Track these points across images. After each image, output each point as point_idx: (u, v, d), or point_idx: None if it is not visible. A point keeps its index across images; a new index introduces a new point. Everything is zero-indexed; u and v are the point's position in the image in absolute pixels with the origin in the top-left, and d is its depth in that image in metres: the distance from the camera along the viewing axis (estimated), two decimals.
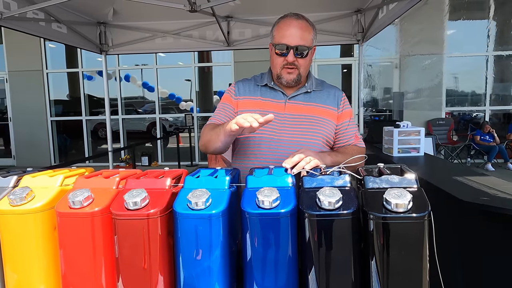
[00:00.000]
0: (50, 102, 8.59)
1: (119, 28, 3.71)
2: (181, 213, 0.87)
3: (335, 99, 1.52)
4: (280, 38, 1.38)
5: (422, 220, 0.75)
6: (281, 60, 1.40)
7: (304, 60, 1.41)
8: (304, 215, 0.83)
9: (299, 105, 1.48)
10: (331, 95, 1.52)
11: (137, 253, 0.88)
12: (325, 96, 1.51)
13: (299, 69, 1.41)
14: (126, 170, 1.14)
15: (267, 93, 1.51)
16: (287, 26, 1.38)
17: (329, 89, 1.54)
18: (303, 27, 1.38)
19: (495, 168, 6.83)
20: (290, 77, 1.42)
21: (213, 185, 0.96)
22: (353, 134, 1.53)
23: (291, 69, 1.40)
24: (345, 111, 1.52)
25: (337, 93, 1.54)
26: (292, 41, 1.36)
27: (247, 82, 1.57)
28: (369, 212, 0.78)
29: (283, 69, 1.41)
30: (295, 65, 1.40)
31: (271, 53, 1.45)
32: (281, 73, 1.42)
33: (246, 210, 0.86)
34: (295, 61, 1.39)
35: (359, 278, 0.84)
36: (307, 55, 1.41)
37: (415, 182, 0.84)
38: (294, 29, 1.37)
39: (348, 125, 1.52)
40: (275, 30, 1.42)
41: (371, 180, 0.87)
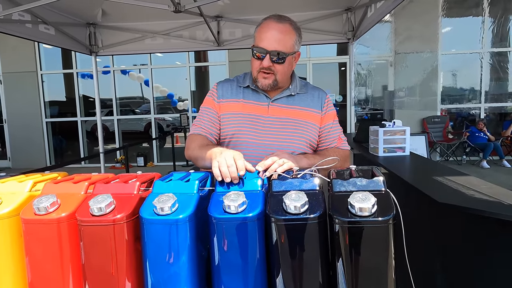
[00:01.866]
0: (45, 103, 8.56)
1: (109, 29, 3.69)
2: (147, 218, 0.86)
3: (319, 101, 1.48)
4: (259, 40, 1.34)
5: (386, 223, 0.75)
6: (258, 64, 1.36)
7: (281, 66, 1.34)
8: (271, 219, 0.82)
9: (282, 108, 1.44)
10: (315, 97, 1.49)
11: (104, 259, 0.87)
12: (309, 98, 1.48)
13: (275, 75, 1.35)
14: (98, 175, 1.13)
15: (250, 95, 1.47)
16: (267, 29, 1.33)
17: (313, 91, 1.51)
18: (283, 31, 1.32)
19: (490, 165, 6.83)
20: (265, 82, 1.37)
21: (182, 189, 0.94)
22: (336, 136, 1.50)
23: (267, 74, 1.35)
24: (328, 113, 1.49)
25: (321, 95, 1.50)
26: (269, 46, 1.31)
27: (229, 83, 1.53)
28: (334, 216, 0.78)
29: (259, 73, 1.37)
30: (271, 70, 1.34)
31: (252, 55, 1.41)
32: (257, 76, 1.38)
33: (212, 214, 0.85)
34: (271, 66, 1.34)
35: (326, 280, 0.83)
36: (285, 61, 1.34)
37: (382, 185, 0.83)
38: (273, 32, 1.31)
39: (332, 127, 1.49)
40: (256, 32, 1.38)
41: (338, 183, 0.86)
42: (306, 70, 8.05)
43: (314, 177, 0.92)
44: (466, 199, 1.25)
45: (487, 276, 1.33)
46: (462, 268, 1.43)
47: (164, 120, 9.89)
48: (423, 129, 7.46)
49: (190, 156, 1.42)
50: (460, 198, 1.26)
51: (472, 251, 1.39)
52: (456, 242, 1.46)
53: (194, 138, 1.45)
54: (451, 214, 1.38)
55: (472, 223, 1.32)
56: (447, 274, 1.55)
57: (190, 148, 1.42)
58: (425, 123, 7.50)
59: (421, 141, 5.79)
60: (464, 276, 1.43)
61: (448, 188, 1.44)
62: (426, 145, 5.89)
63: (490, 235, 1.31)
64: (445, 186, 1.45)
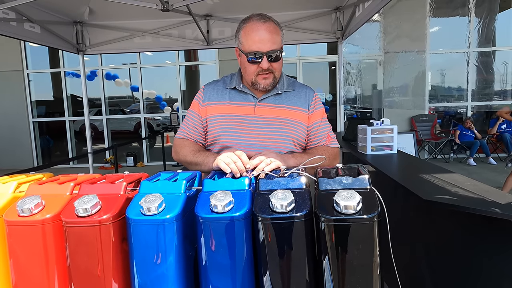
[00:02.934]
0: (31, 103, 8.41)
1: (96, 28, 3.64)
2: (133, 219, 0.85)
3: (306, 99, 1.47)
4: (250, 45, 1.32)
5: (371, 221, 0.76)
6: (255, 68, 1.35)
7: (278, 63, 1.37)
8: (257, 218, 0.82)
9: (269, 107, 1.44)
10: (302, 95, 1.48)
11: (90, 261, 0.87)
12: (296, 97, 1.47)
13: (274, 73, 1.37)
14: (84, 175, 1.12)
15: (237, 96, 1.46)
16: (255, 32, 1.31)
17: (300, 89, 1.50)
18: (271, 30, 1.32)
19: (477, 162, 6.96)
20: (267, 82, 1.38)
21: (169, 189, 0.94)
22: (325, 134, 1.49)
23: (266, 75, 1.36)
24: (316, 111, 1.48)
25: (308, 93, 1.49)
26: (264, 47, 1.31)
27: (216, 85, 1.52)
28: (320, 214, 0.78)
29: (258, 75, 1.36)
30: (270, 70, 1.35)
31: (242, 60, 1.39)
32: (256, 79, 1.37)
33: (199, 214, 0.85)
34: (270, 66, 1.34)
35: (313, 278, 0.84)
36: (280, 58, 1.36)
37: (368, 183, 0.85)
38: (263, 33, 1.31)
39: (320, 125, 1.48)
40: (242, 36, 1.35)
41: (324, 182, 0.87)
42: (296, 69, 8.08)
43: (301, 175, 0.93)
44: (450, 196, 1.27)
45: (474, 272, 1.36)
46: (448, 265, 1.46)
47: (154, 120, 9.82)
48: (411, 128, 7.56)
49: (181, 161, 1.43)
50: (445, 195, 1.28)
51: (458, 248, 1.41)
52: (442, 239, 1.48)
53: (183, 144, 1.45)
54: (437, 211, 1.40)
55: (457, 220, 1.34)
56: (433, 271, 1.57)
57: (180, 153, 1.43)
58: (414, 121, 7.60)
59: (410, 139, 5.87)
60: (450, 273, 1.46)
61: (433, 185, 1.46)
62: (414, 143, 5.97)
63: (474, 231, 1.34)
64: (431, 184, 1.48)
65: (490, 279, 1.34)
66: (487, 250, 1.30)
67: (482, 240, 1.33)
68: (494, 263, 1.25)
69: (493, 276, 1.27)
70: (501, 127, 7.22)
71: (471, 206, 1.14)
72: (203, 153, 1.37)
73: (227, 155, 1.11)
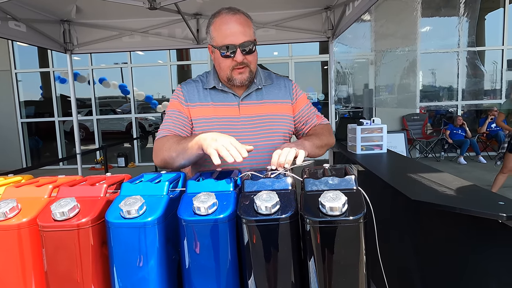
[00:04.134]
0: (20, 103, 8.27)
1: (84, 26, 3.58)
2: (112, 222, 0.82)
3: (286, 90, 1.47)
4: (222, 39, 1.28)
5: (357, 222, 0.74)
6: (229, 62, 1.31)
7: (252, 56, 1.33)
8: (242, 220, 0.80)
9: (253, 105, 1.41)
10: (281, 87, 1.47)
11: (68, 266, 0.83)
12: (276, 89, 1.45)
13: (249, 66, 1.33)
14: (65, 177, 1.09)
15: (218, 96, 1.41)
16: (226, 25, 1.27)
17: (278, 81, 1.48)
18: (242, 22, 1.28)
19: (467, 161, 7.02)
20: (243, 77, 1.33)
21: (151, 191, 0.91)
22: (314, 115, 1.50)
23: (242, 69, 1.32)
24: (299, 99, 1.48)
25: (287, 83, 1.49)
26: (236, 40, 1.27)
27: (194, 85, 1.44)
28: (306, 216, 0.76)
29: (233, 70, 1.32)
30: (245, 64, 1.32)
31: (215, 56, 1.34)
32: (231, 75, 1.33)
33: (181, 217, 0.83)
34: (244, 59, 1.31)
35: (299, 280, 0.82)
36: (254, 50, 1.33)
37: (354, 183, 0.83)
38: (234, 26, 1.27)
39: (308, 109, 1.49)
40: (213, 31, 1.31)
41: (310, 183, 0.85)
42: (288, 68, 8.07)
43: (287, 176, 0.91)
44: (438, 196, 1.27)
45: (461, 272, 1.36)
46: (436, 265, 1.46)
47: (146, 120, 9.75)
48: (402, 127, 7.61)
49: (165, 157, 1.26)
50: (432, 195, 1.27)
51: (445, 247, 1.41)
52: (429, 239, 1.48)
53: (164, 140, 1.31)
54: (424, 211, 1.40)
55: (444, 219, 1.34)
56: (422, 271, 1.57)
57: (163, 149, 1.27)
58: (405, 120, 7.65)
59: (401, 138, 5.90)
60: (438, 273, 1.45)
61: (422, 185, 1.45)
62: (405, 143, 6.01)
63: (462, 231, 1.34)
64: (419, 183, 1.47)
65: (476, 278, 1.34)
66: (474, 249, 1.29)
67: (468, 239, 1.33)
68: (479, 262, 1.25)
69: (479, 275, 1.27)
70: (490, 126, 7.30)
71: (458, 206, 1.13)
72: (187, 138, 1.22)
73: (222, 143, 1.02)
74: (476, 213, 1.09)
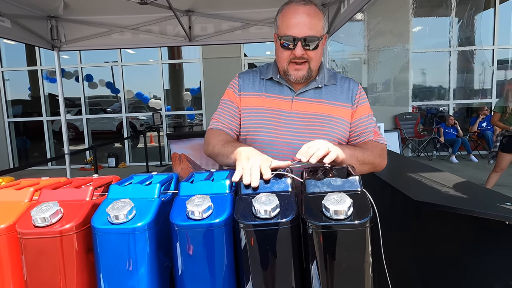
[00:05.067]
0: (6, 102, 8.07)
1: (72, 23, 3.48)
2: (99, 228, 0.76)
3: (349, 93, 1.33)
4: (285, 28, 1.19)
5: (363, 227, 0.69)
6: (288, 54, 1.21)
7: (314, 52, 1.21)
8: (239, 225, 0.74)
9: (308, 102, 1.30)
10: (344, 89, 1.33)
11: (51, 275, 0.77)
12: (338, 91, 1.32)
13: (309, 63, 1.22)
14: (49, 179, 1.02)
15: (272, 88, 1.33)
16: (293, 14, 1.18)
17: (342, 82, 1.35)
18: (311, 14, 1.18)
19: (459, 160, 7.07)
20: (299, 74, 1.23)
21: (141, 194, 0.85)
22: (371, 130, 1.33)
23: (300, 64, 1.22)
24: (361, 106, 1.33)
25: (352, 86, 1.34)
26: (300, 32, 1.17)
27: (251, 74, 1.39)
28: (308, 220, 0.71)
29: (290, 64, 1.23)
30: (304, 59, 1.21)
31: (277, 45, 1.25)
32: (288, 69, 1.24)
33: (174, 221, 0.77)
34: (304, 54, 1.20)
35: (300, 286, 0.77)
36: (318, 47, 1.21)
37: (358, 184, 0.78)
38: (301, 17, 1.17)
39: (366, 121, 1.33)
40: (279, 19, 1.22)
41: (312, 184, 0.80)
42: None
43: (287, 177, 0.85)
44: (442, 197, 1.23)
45: (464, 275, 1.32)
46: (438, 267, 1.42)
47: (138, 119, 9.62)
48: (395, 126, 7.63)
49: (210, 152, 1.30)
50: (436, 196, 1.23)
51: (448, 249, 1.37)
52: (432, 240, 1.44)
53: (214, 133, 1.32)
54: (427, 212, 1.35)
55: (447, 220, 1.30)
56: (424, 274, 1.53)
57: (210, 144, 1.29)
58: (397, 119, 7.67)
59: (394, 137, 5.90)
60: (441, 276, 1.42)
61: (423, 185, 1.41)
62: (399, 141, 6.02)
63: (465, 232, 1.30)
64: (420, 183, 1.43)
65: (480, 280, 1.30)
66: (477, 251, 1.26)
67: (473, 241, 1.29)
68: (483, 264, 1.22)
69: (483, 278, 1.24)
70: (481, 125, 7.36)
71: (463, 207, 1.09)
72: (232, 144, 1.19)
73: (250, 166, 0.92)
74: (483, 214, 1.05)
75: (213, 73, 7.51)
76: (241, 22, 3.44)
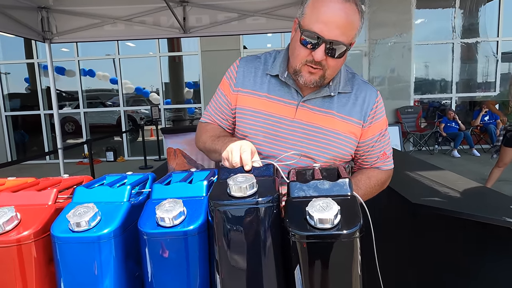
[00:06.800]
0: (3, 96, 8.00)
1: (64, 14, 3.38)
2: (58, 236, 0.68)
3: (363, 108, 1.13)
4: (313, 21, 0.97)
5: (351, 237, 0.61)
6: (305, 54, 1.01)
7: (335, 61, 1.01)
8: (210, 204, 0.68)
9: (314, 112, 1.12)
10: (359, 101, 1.13)
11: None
12: (351, 102, 1.13)
13: (325, 71, 1.03)
14: (15, 179, 0.94)
15: (277, 88, 1.14)
16: (326, 8, 0.96)
17: (359, 91, 1.14)
18: (349, 13, 0.96)
19: (461, 154, 6.97)
20: (311, 78, 1.04)
21: (109, 197, 0.78)
22: (379, 153, 1.18)
23: (315, 69, 1.03)
24: (374, 124, 1.15)
25: (369, 99, 1.14)
26: (328, 33, 0.96)
27: (254, 66, 1.18)
28: (290, 229, 0.63)
29: (305, 66, 1.03)
30: (321, 65, 1.01)
31: (295, 37, 1.04)
32: (300, 69, 1.05)
33: (142, 229, 0.69)
34: (324, 61, 1.00)
35: None
36: (342, 56, 1.01)
37: (348, 188, 0.70)
38: (336, 14, 0.95)
39: (376, 141, 1.17)
40: (308, 6, 1.00)
41: (297, 187, 0.71)
42: None
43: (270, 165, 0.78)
44: (442, 199, 1.13)
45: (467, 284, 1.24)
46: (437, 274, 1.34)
47: (137, 113, 9.55)
48: (396, 120, 7.52)
49: (202, 149, 1.22)
50: (435, 198, 1.14)
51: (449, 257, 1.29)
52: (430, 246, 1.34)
53: (205, 128, 1.23)
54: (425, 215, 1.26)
55: (448, 225, 1.22)
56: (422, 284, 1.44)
57: (201, 140, 1.21)
58: (399, 113, 7.56)
59: (395, 131, 5.81)
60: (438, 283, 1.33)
61: (422, 185, 1.32)
62: (399, 136, 5.92)
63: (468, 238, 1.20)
64: (419, 183, 1.34)
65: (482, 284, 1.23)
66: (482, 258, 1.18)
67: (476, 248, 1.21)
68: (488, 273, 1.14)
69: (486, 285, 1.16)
70: (484, 119, 7.25)
71: (465, 211, 1.01)
72: (223, 139, 1.09)
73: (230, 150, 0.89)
74: (487, 219, 0.97)
75: (212, 66, 7.39)
76: (237, 13, 3.34)
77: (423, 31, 7.72)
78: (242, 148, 0.88)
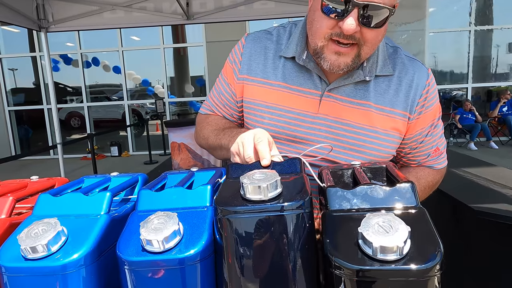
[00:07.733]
0: (6, 91, 7.87)
1: (60, 1, 3.19)
2: (7, 266, 0.49)
3: (409, 95, 0.85)
4: None
5: (428, 276, 0.40)
6: (330, 25, 0.74)
7: (375, 32, 0.74)
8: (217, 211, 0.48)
9: (344, 104, 0.86)
10: (403, 86, 0.86)
11: None
12: (393, 89, 0.85)
13: (360, 48, 0.76)
14: None
15: (294, 74, 0.88)
16: None
17: (403, 73, 0.86)
18: None
19: (478, 147, 6.69)
20: (339, 62, 0.77)
21: (82, 208, 0.58)
22: (431, 149, 0.93)
23: (346, 47, 0.76)
24: (425, 114, 0.88)
25: (417, 81, 0.86)
26: None
27: (264, 46, 0.92)
28: (333, 259, 0.43)
29: (329, 42, 0.76)
30: (355, 40, 0.74)
31: (313, 5, 0.78)
32: (323, 48, 0.77)
33: (121, 256, 0.49)
34: (357, 34, 0.73)
35: None
36: (383, 24, 0.74)
37: (413, 197, 0.49)
38: None
39: (427, 136, 0.90)
40: None
41: (338, 195, 0.51)
42: None
43: None
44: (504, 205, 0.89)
45: None
46: None
47: (143, 107, 9.40)
48: None
49: (203, 146, 1.01)
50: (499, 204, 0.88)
51: None
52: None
53: (205, 121, 1.01)
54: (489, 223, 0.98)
55: None
56: None
57: (201, 135, 0.99)
58: None
59: None
60: None
61: (477, 186, 1.05)
62: None
63: None
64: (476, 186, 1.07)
65: None
66: None
67: None
68: None
69: None
70: (502, 110, 6.93)
71: None
72: (229, 131, 0.88)
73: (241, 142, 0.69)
74: None
75: (218, 58, 7.15)
76: None
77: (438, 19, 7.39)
78: (256, 138, 0.66)
